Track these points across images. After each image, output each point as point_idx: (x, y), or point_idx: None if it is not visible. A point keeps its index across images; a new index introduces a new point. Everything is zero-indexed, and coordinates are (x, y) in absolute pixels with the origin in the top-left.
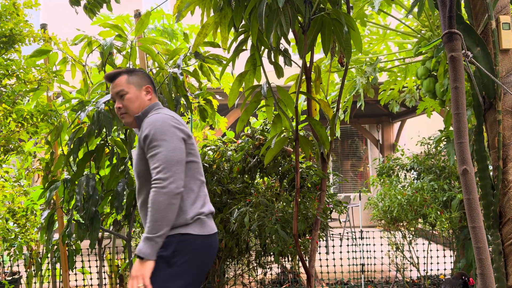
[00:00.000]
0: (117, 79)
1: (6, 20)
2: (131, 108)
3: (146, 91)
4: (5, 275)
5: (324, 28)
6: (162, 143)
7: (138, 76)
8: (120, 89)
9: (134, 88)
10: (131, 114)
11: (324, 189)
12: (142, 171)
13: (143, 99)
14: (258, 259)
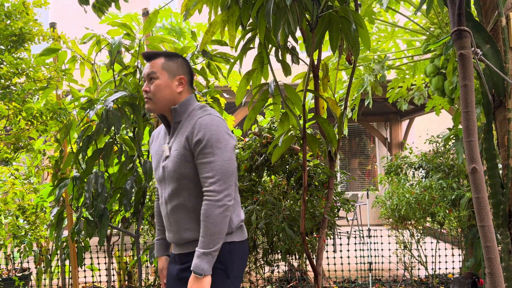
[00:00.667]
0: (153, 60)
1: (15, 19)
2: (157, 96)
3: (179, 82)
4: (15, 271)
5: (332, 25)
6: (217, 151)
7: (176, 64)
8: (152, 71)
9: (167, 76)
10: (155, 102)
11: (332, 187)
12: (185, 173)
13: (173, 90)
14: (265, 257)
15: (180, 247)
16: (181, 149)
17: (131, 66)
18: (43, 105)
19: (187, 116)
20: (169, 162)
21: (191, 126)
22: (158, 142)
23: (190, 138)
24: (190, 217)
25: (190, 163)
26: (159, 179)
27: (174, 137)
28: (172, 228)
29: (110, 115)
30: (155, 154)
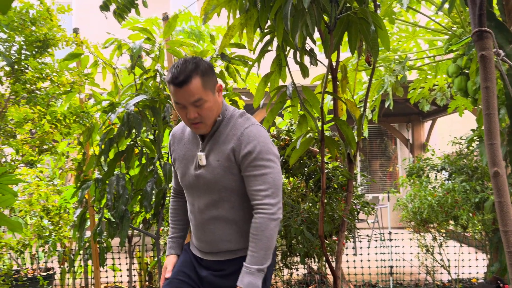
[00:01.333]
0: (190, 85)
1: (40, 25)
2: (211, 117)
3: (219, 91)
4: (40, 270)
5: (351, 27)
6: (269, 163)
7: (209, 75)
8: (198, 98)
9: (211, 94)
10: (207, 123)
11: (351, 190)
12: (228, 186)
13: (219, 103)
14: (284, 260)
15: (213, 255)
16: (224, 161)
17: (152, 70)
18: (66, 109)
19: (226, 123)
20: (207, 172)
21: (237, 137)
22: (185, 145)
23: (237, 150)
24: (230, 228)
25: (236, 175)
26: (190, 185)
27: (211, 144)
28: (206, 238)
29: (131, 118)
30: (183, 158)
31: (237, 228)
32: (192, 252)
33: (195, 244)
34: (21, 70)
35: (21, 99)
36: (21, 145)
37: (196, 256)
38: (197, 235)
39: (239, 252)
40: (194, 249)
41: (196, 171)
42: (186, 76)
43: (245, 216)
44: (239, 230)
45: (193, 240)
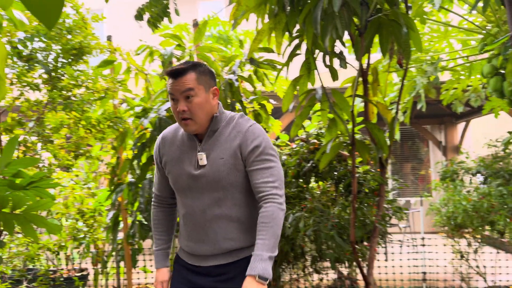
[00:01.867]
0: (185, 76)
1: (76, 34)
2: (199, 115)
3: (213, 94)
4: (74, 271)
5: (382, 29)
6: (273, 158)
7: (207, 75)
8: (188, 87)
9: (203, 90)
10: (197, 122)
11: (383, 195)
12: (234, 182)
13: (211, 105)
14: (314, 264)
15: (214, 258)
16: (229, 158)
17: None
18: (100, 114)
19: (226, 124)
20: (209, 170)
21: (242, 134)
22: (179, 148)
23: (244, 145)
24: (232, 226)
25: (241, 172)
26: (188, 186)
27: (211, 144)
28: (208, 238)
29: (163, 123)
30: (177, 160)
31: (239, 225)
32: (186, 262)
33: (190, 250)
34: (58, 78)
35: (57, 105)
36: (58, 149)
37: (191, 265)
38: (197, 238)
39: (242, 252)
40: (188, 257)
41: (195, 171)
42: (182, 69)
43: (247, 213)
44: (241, 228)
45: (189, 246)
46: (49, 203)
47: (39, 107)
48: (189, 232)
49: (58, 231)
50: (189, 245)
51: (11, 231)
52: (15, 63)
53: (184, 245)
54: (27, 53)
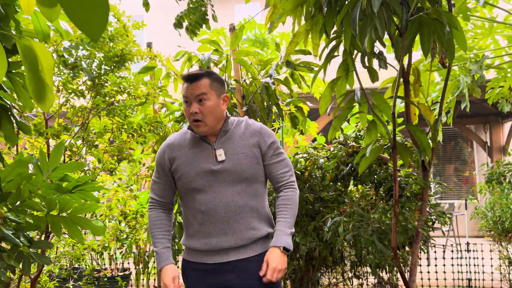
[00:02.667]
0: (199, 81)
1: (117, 41)
2: (209, 117)
3: (223, 100)
4: (117, 270)
5: (423, 28)
6: (283, 151)
7: (219, 83)
8: (202, 92)
9: (215, 95)
10: (208, 124)
11: (426, 199)
12: (256, 174)
13: (221, 109)
14: (353, 270)
15: (236, 251)
16: (250, 152)
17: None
18: (141, 119)
19: (237, 125)
20: (231, 164)
21: (258, 131)
22: (190, 150)
23: (262, 141)
24: (252, 216)
25: (260, 164)
26: (207, 184)
27: (225, 143)
28: (231, 230)
29: None
30: (191, 161)
31: (258, 215)
32: (202, 263)
33: (210, 247)
34: (101, 84)
35: (101, 111)
36: (102, 153)
37: (210, 264)
38: (219, 231)
39: (259, 244)
40: (206, 256)
41: (215, 167)
42: (197, 75)
43: (262, 203)
44: (259, 217)
45: (208, 243)
46: (93, 206)
47: (84, 113)
48: (208, 229)
49: (102, 233)
50: (209, 242)
51: (59, 232)
52: (61, 71)
53: (202, 243)
54: (72, 61)
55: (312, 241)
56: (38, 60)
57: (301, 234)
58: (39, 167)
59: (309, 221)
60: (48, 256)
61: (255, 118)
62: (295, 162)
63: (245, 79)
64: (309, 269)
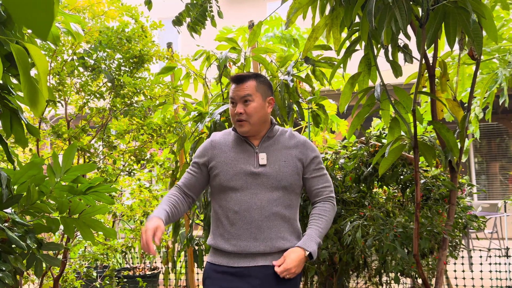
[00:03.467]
0: (245, 83)
1: (135, 42)
2: (253, 118)
3: (269, 103)
4: (146, 269)
5: (448, 18)
6: (324, 166)
7: (265, 86)
8: (247, 93)
9: (261, 98)
10: (251, 123)
11: (454, 202)
12: (293, 183)
13: (266, 112)
14: (377, 276)
15: (264, 258)
16: (291, 162)
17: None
18: (161, 119)
19: (281, 134)
20: (271, 170)
21: (301, 144)
22: (232, 149)
23: (305, 154)
24: (284, 226)
25: (300, 176)
26: (245, 184)
27: (268, 148)
28: (262, 235)
29: (217, 126)
30: (232, 161)
31: (289, 226)
32: (228, 266)
33: (238, 250)
34: (121, 86)
35: (120, 112)
36: (121, 154)
37: (237, 267)
38: (250, 235)
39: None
40: (232, 259)
41: (256, 169)
42: (244, 76)
43: (295, 216)
44: (290, 229)
45: (237, 245)
46: (104, 208)
47: (104, 114)
48: (239, 230)
49: (113, 235)
50: (238, 244)
51: (72, 234)
52: (81, 73)
53: (231, 244)
54: (92, 63)
55: (333, 245)
56: (35, 64)
57: None
58: (52, 169)
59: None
60: (58, 258)
61: (274, 117)
62: None
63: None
64: (332, 273)
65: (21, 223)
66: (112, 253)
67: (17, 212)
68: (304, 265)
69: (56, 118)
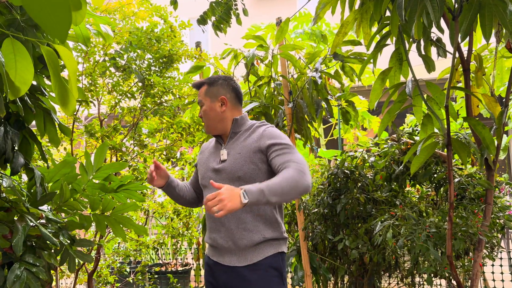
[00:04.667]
0: (200, 89)
1: (164, 42)
2: (205, 120)
3: (222, 102)
4: (179, 265)
5: (483, 9)
6: (291, 150)
7: (216, 86)
8: (200, 99)
9: (210, 100)
10: (207, 125)
11: (490, 201)
12: (249, 173)
13: (218, 111)
14: (410, 276)
15: (229, 255)
16: (246, 152)
17: (266, 76)
18: (187, 118)
19: (247, 129)
20: (228, 163)
21: (260, 134)
22: (208, 151)
23: (262, 142)
24: (245, 215)
25: (256, 164)
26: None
27: (232, 144)
28: (222, 228)
29: None
30: (205, 161)
31: (252, 214)
32: (209, 257)
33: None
34: (151, 85)
35: (151, 112)
36: (152, 153)
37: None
38: (215, 226)
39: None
40: (210, 251)
41: (217, 166)
42: (199, 84)
43: (267, 208)
44: (253, 217)
45: (211, 238)
46: (133, 205)
47: (136, 113)
48: (210, 224)
49: (143, 232)
50: (211, 237)
51: (103, 231)
52: (113, 73)
53: (208, 237)
54: (123, 64)
55: (364, 245)
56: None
57: (351, 237)
58: (84, 167)
59: (361, 223)
60: (90, 255)
61: (302, 114)
62: (342, 161)
63: (292, 74)
64: (362, 274)
65: (54, 220)
66: (144, 249)
67: (52, 209)
68: (334, 265)
69: (90, 118)
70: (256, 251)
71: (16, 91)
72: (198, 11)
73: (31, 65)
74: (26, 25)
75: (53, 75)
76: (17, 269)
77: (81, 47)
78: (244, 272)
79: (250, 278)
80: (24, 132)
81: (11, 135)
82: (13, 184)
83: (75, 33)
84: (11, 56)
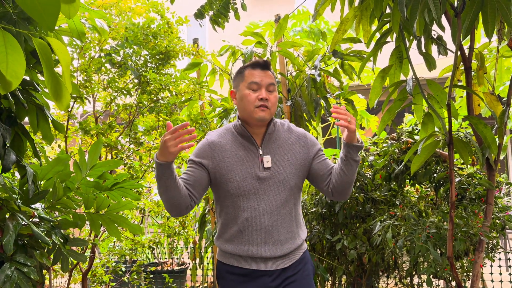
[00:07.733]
0: (270, 70)
1: (161, 38)
2: (273, 108)
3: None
4: (174, 264)
5: (486, 6)
6: None
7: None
8: (272, 82)
9: (276, 90)
10: (272, 112)
11: (491, 202)
12: (298, 182)
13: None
14: (409, 277)
15: (273, 261)
16: (295, 160)
17: None
18: (184, 115)
19: (278, 128)
20: (276, 172)
21: (303, 138)
22: (234, 152)
23: (310, 149)
24: (291, 223)
25: (303, 172)
26: (252, 190)
27: (271, 147)
28: (271, 240)
29: None
30: (236, 165)
31: (296, 221)
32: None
33: (251, 254)
34: (147, 82)
35: (147, 109)
36: (148, 151)
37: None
38: (261, 240)
39: (296, 253)
40: (246, 262)
41: (261, 173)
42: (269, 63)
43: (300, 208)
44: (296, 223)
45: (249, 250)
46: (129, 204)
47: (131, 111)
48: (249, 236)
49: (139, 231)
50: (248, 249)
51: (98, 230)
52: (108, 70)
53: (242, 250)
54: (119, 60)
55: (362, 245)
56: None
57: (350, 237)
58: (78, 165)
59: (360, 223)
60: (84, 254)
61: (301, 113)
62: None
63: (291, 71)
64: (360, 274)
65: (47, 219)
66: (140, 248)
67: (45, 207)
68: (332, 265)
69: (85, 115)
70: (298, 252)
71: (7, 85)
72: (195, 8)
73: (23, 59)
74: (18, 18)
75: (45, 68)
76: (8, 269)
77: (76, 42)
78: (289, 268)
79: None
80: (16, 129)
81: (2, 131)
82: (4, 182)
83: (70, 27)
84: (2, 49)
